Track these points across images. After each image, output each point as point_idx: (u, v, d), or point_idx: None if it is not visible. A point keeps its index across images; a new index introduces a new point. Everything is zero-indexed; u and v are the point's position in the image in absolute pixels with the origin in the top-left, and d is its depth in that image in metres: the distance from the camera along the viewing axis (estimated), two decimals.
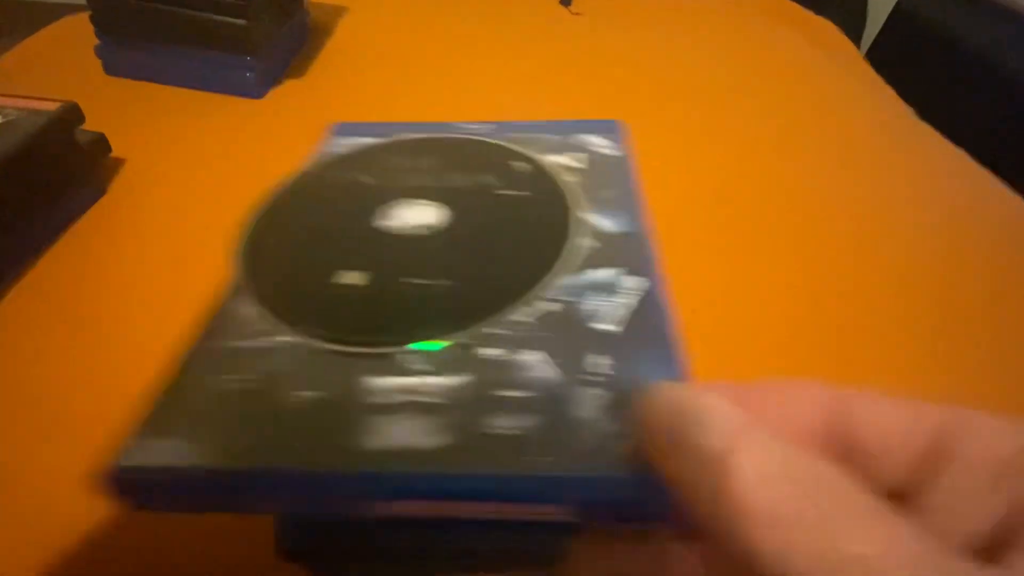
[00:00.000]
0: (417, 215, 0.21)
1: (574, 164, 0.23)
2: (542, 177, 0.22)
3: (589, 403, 0.14)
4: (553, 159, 0.23)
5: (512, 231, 0.20)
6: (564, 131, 0.25)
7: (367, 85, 0.54)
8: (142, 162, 0.42)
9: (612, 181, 0.22)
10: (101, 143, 0.39)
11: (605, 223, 0.20)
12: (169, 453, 0.14)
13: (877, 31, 1.02)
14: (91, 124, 0.39)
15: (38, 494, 0.24)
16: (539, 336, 0.16)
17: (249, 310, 0.17)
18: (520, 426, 0.14)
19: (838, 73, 0.63)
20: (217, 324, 0.17)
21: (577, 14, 0.71)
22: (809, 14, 0.76)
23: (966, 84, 0.86)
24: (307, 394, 0.15)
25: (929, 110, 0.62)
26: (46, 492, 0.24)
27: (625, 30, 0.67)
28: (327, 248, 0.20)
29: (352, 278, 0.18)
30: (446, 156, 0.24)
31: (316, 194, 0.23)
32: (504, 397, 0.14)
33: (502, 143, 0.24)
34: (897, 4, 1.00)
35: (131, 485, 0.14)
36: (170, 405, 0.15)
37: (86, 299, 0.32)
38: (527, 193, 0.22)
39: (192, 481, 0.14)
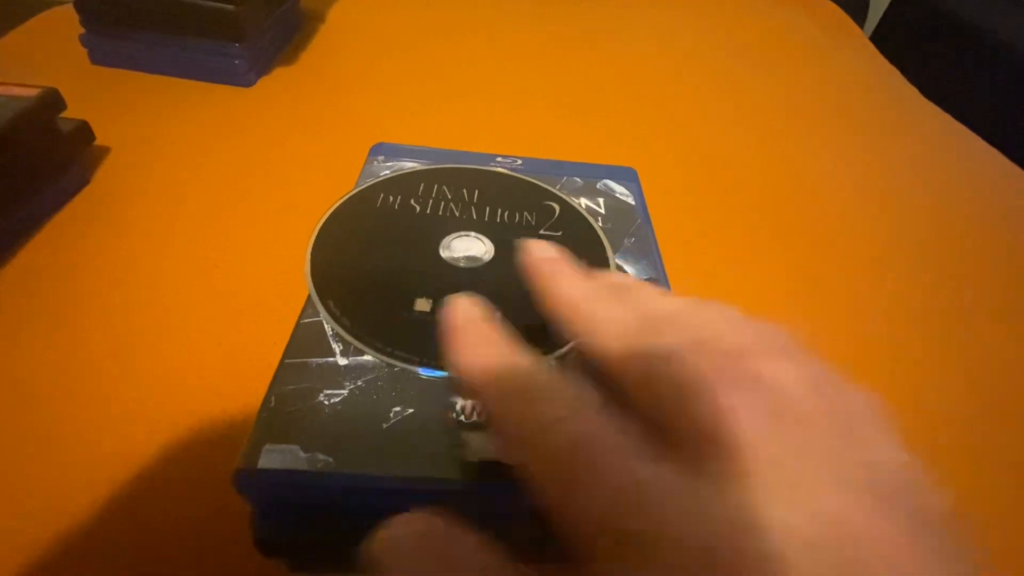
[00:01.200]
0: (466, 246, 0.23)
1: (596, 208, 0.25)
2: (578, 221, 0.24)
3: None
4: (581, 202, 0.25)
5: None
6: (587, 174, 0.27)
7: (360, 73, 0.52)
8: (128, 152, 0.41)
9: (632, 229, 0.24)
10: (84, 131, 0.38)
11: (629, 270, 0.22)
12: (295, 459, 0.15)
13: (882, 12, 1.00)
14: (76, 113, 0.38)
15: (14, 488, 0.23)
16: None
17: (328, 328, 0.19)
18: None
19: (843, 54, 0.62)
20: (302, 340, 0.19)
21: None
22: None
23: (971, 63, 0.85)
24: (399, 409, 0.17)
25: (935, 90, 0.61)
26: (23, 487, 0.23)
27: (626, 11, 0.66)
28: (391, 272, 0.22)
29: (421, 305, 0.20)
30: (485, 189, 0.26)
31: (371, 216, 0.24)
32: None
33: (536, 182, 0.26)
34: None
35: (261, 485, 0.15)
36: (283, 415, 0.17)
37: (67, 294, 0.31)
38: (566, 234, 0.24)
39: (321, 485, 0.15)
